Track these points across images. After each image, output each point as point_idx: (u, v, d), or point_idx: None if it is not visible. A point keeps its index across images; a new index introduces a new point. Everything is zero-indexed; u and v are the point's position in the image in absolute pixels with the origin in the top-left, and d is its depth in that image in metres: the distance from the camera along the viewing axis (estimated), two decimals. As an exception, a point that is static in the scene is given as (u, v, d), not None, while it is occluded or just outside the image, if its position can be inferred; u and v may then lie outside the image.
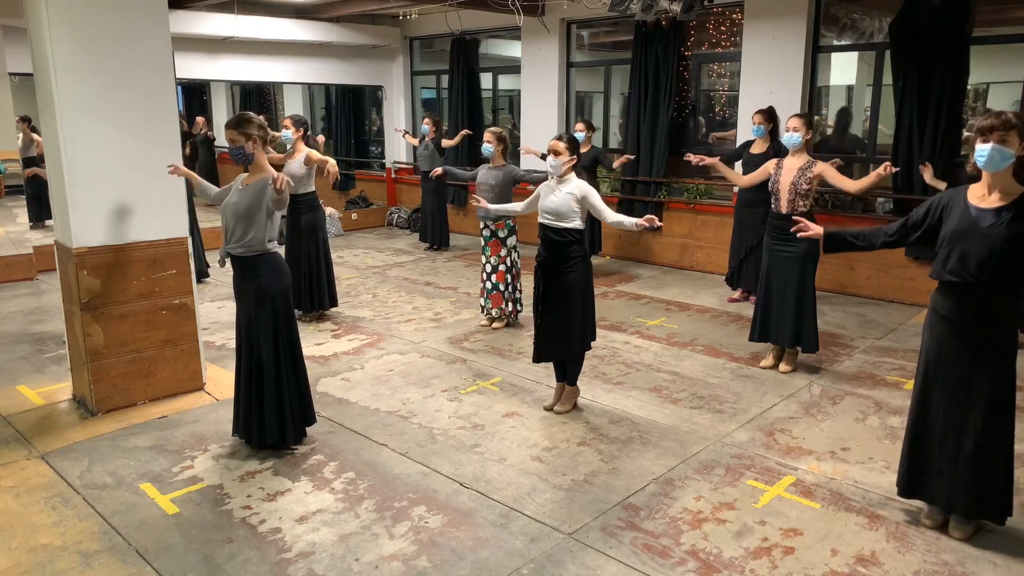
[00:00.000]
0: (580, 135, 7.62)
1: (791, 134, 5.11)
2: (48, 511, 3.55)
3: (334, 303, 6.69)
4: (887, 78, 7.25)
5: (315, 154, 6.21)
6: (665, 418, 4.58)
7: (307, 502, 3.62)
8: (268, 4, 10.19)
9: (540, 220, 4.50)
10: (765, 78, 7.78)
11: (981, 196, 3.10)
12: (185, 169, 4.51)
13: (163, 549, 3.24)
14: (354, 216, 11.78)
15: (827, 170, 5.01)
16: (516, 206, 5.07)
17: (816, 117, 8.27)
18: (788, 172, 5.09)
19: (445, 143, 9.66)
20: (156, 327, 4.75)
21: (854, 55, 8.71)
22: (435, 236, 9.96)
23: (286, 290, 4.02)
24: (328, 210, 11.21)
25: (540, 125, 9.91)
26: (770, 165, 5.28)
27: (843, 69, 8.84)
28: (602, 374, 5.32)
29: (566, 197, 4.41)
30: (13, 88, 8.97)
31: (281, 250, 4.13)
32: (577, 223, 4.41)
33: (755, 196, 6.44)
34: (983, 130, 2.99)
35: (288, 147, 6.33)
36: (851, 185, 5.01)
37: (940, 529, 3.35)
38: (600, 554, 3.20)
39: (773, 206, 5.21)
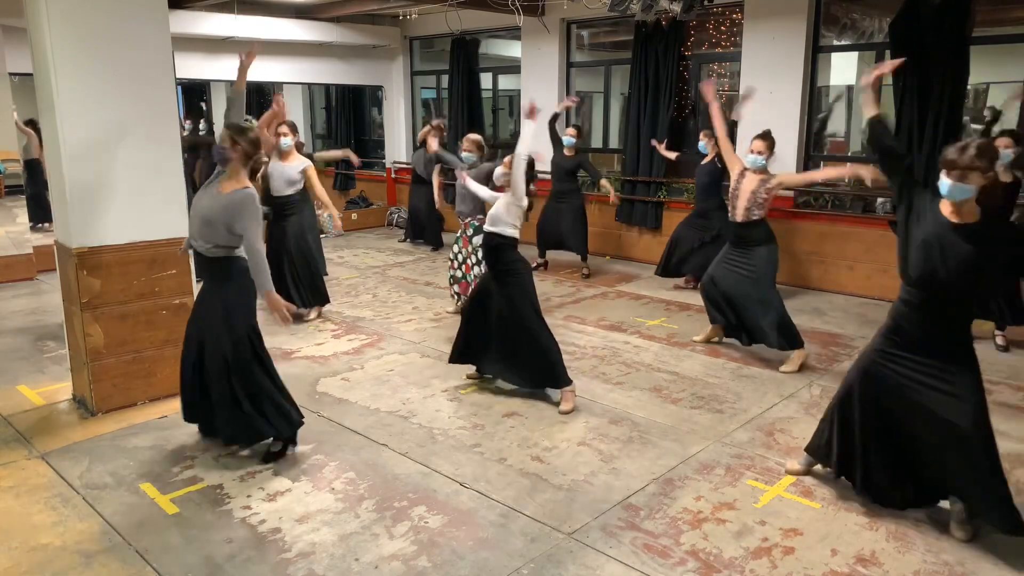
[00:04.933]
0: (570, 140, 7.99)
1: (755, 156, 5.25)
2: (48, 511, 3.55)
3: (316, 303, 6.71)
4: (887, 78, 7.23)
5: (316, 181, 6.57)
6: (665, 418, 4.58)
7: (307, 502, 3.62)
8: (268, 4, 10.19)
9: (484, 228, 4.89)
10: (765, 78, 7.77)
11: (950, 211, 3.13)
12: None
13: (163, 549, 3.24)
14: (354, 216, 11.77)
15: (786, 177, 5.25)
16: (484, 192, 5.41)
17: (820, 115, 8.31)
18: (751, 180, 5.24)
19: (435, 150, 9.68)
20: (156, 327, 4.75)
21: (854, 55, 8.70)
22: (431, 235, 10.08)
23: (254, 298, 3.98)
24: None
25: (540, 125, 9.89)
26: (738, 165, 5.36)
27: (843, 69, 8.83)
28: (602, 374, 5.32)
29: (502, 201, 4.74)
30: (13, 88, 8.96)
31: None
32: (508, 230, 4.66)
33: (706, 206, 7.32)
34: (946, 164, 3.06)
35: (283, 149, 6.51)
36: (816, 174, 5.22)
37: (940, 529, 3.35)
38: (600, 554, 3.20)
39: (730, 214, 5.39)
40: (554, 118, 8.17)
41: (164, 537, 3.33)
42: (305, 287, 6.57)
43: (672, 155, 8.10)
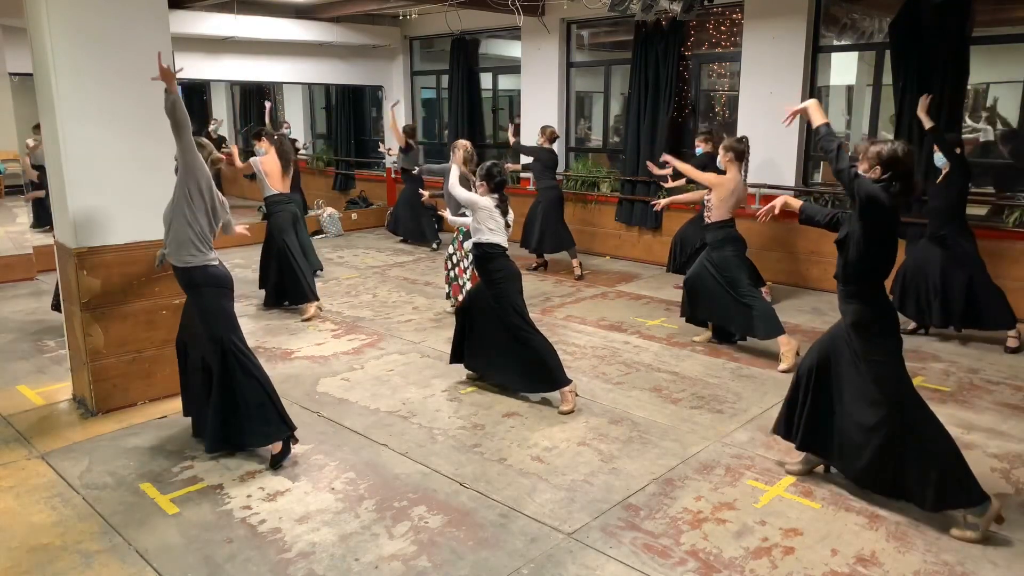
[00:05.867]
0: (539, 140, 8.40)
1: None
2: (48, 511, 3.55)
3: (300, 300, 6.82)
4: (887, 78, 7.25)
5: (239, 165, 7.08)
6: (665, 418, 4.58)
7: (307, 502, 3.62)
8: (268, 4, 10.19)
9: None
10: (765, 78, 7.78)
11: None
12: None
13: (163, 549, 3.24)
14: (354, 216, 11.78)
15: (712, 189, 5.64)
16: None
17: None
18: None
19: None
20: (156, 327, 4.75)
21: (854, 55, 8.70)
22: (407, 231, 10.31)
23: (229, 303, 4.01)
24: (328, 210, 11.24)
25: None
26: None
27: (843, 69, 8.84)
28: (602, 374, 5.32)
29: (471, 216, 4.82)
30: (13, 88, 8.96)
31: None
32: (486, 236, 4.72)
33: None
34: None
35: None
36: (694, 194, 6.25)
37: (940, 529, 3.35)
38: (600, 554, 3.20)
39: None
40: (516, 144, 8.51)
41: (164, 537, 3.33)
42: (288, 284, 6.81)
43: (666, 172, 7.98)
